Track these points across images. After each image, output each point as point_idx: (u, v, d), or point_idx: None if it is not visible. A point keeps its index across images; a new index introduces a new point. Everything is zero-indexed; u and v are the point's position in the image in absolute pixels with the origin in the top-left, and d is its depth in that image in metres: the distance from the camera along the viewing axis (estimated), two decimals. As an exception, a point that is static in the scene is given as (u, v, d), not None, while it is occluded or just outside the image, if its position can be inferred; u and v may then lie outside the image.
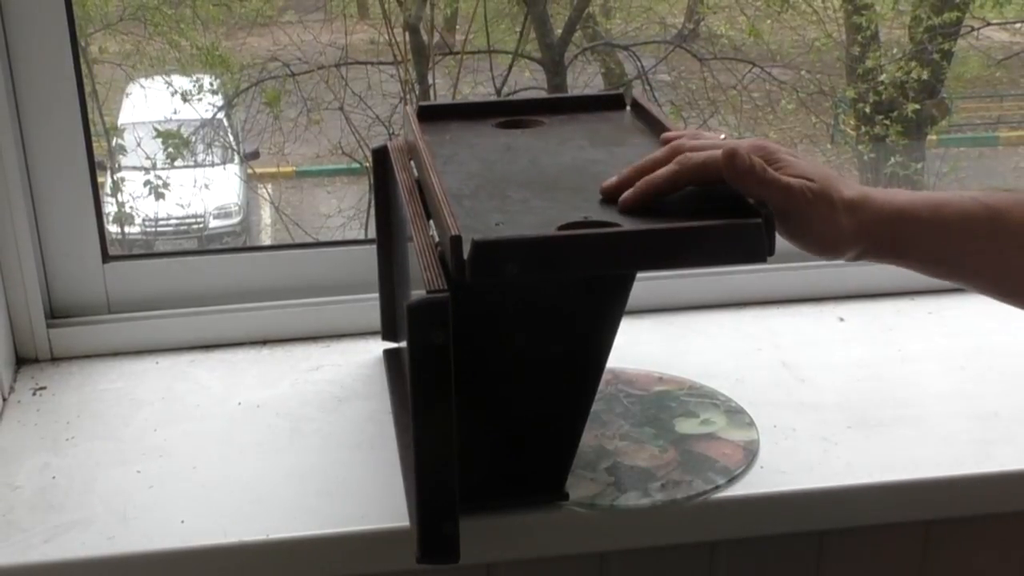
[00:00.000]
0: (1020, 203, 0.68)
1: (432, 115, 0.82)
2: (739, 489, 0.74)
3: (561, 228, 0.64)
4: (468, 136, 0.79)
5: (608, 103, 0.85)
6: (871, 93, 2.43)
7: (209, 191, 2.55)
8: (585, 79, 2.38)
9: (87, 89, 0.92)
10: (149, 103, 2.44)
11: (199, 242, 2.58)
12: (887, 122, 2.43)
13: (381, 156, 0.84)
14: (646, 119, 0.81)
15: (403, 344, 0.88)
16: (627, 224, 0.64)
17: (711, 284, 1.00)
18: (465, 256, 0.60)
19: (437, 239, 0.66)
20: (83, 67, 0.92)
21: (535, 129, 0.81)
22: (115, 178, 2.34)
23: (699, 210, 0.66)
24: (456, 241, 0.60)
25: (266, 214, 2.78)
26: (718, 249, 0.63)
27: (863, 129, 2.52)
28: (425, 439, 0.63)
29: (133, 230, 2.43)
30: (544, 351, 0.67)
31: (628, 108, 0.84)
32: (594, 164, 0.74)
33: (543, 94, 2.17)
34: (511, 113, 0.83)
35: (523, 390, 0.68)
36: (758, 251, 0.63)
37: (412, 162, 0.78)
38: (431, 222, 0.68)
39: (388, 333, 0.91)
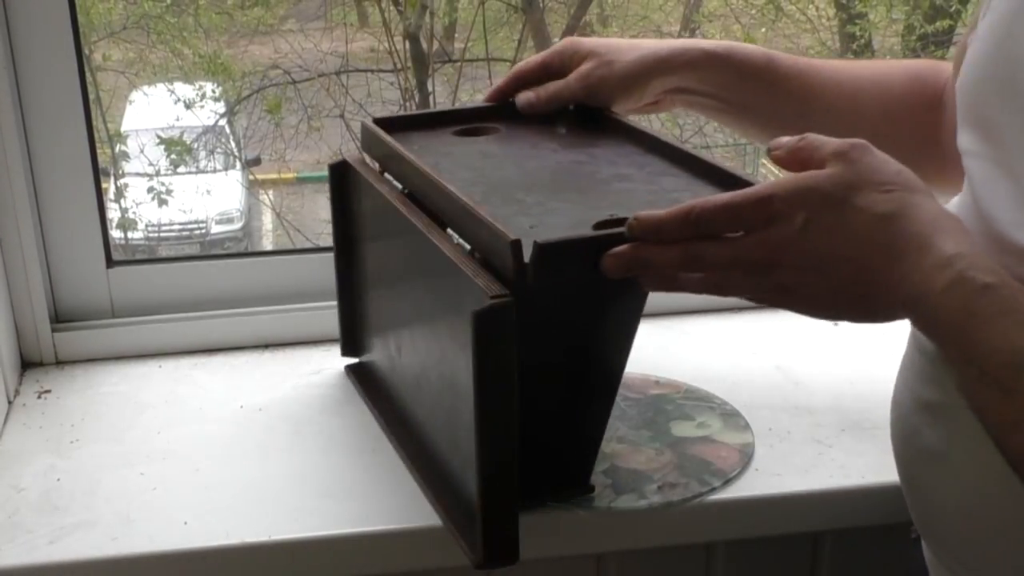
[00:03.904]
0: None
1: (390, 128, 0.81)
2: (735, 491, 0.75)
3: (596, 227, 0.65)
4: (435, 145, 0.79)
5: None
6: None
7: (211, 197, 2.56)
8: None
9: (91, 96, 0.93)
10: (152, 110, 2.46)
11: (201, 247, 2.60)
12: (881, 128, 2.44)
13: (341, 170, 0.83)
14: (594, 120, 0.82)
15: (368, 358, 0.88)
16: None
17: (707, 289, 1.00)
18: (526, 259, 0.61)
19: (469, 247, 0.67)
20: (87, 75, 0.93)
21: (494, 136, 0.82)
22: (119, 184, 2.36)
23: None
24: (516, 245, 0.61)
25: (267, 219, 2.79)
26: None
27: (857, 135, 2.53)
28: (492, 447, 0.63)
29: (136, 235, 2.44)
30: (569, 352, 0.69)
31: (571, 107, 0.85)
32: (581, 165, 0.76)
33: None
34: (464, 120, 0.83)
35: (552, 391, 0.69)
36: None
37: (386, 174, 0.79)
38: (447, 230, 0.69)
39: (348, 348, 0.90)
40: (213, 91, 2.49)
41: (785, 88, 0.80)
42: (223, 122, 2.55)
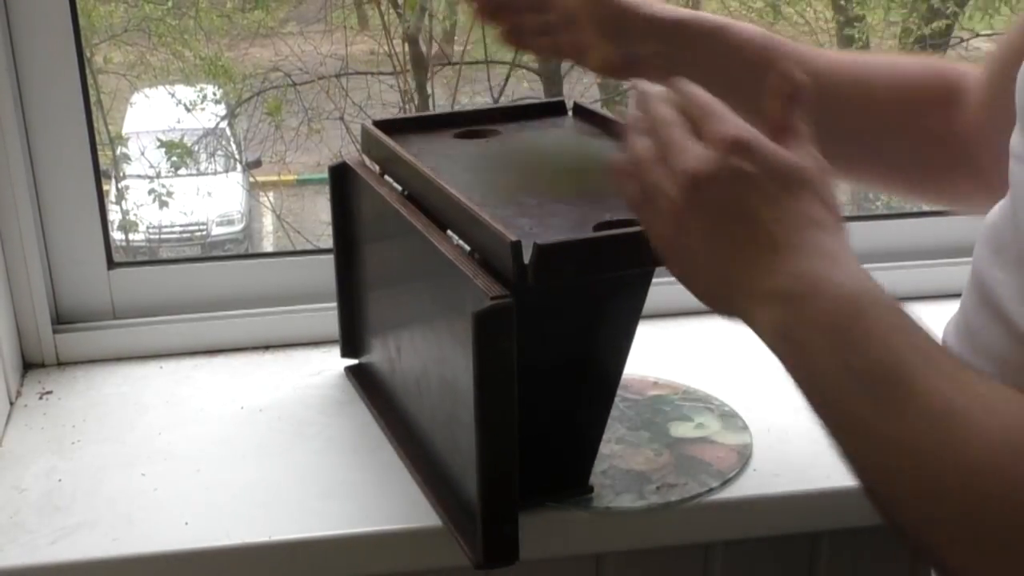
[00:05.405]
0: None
1: (390, 130, 0.82)
2: (733, 491, 0.75)
3: (596, 228, 0.65)
4: (435, 148, 0.80)
5: (551, 110, 0.87)
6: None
7: (212, 199, 2.57)
8: (581, 89, 2.39)
9: (92, 99, 0.94)
10: (153, 112, 2.46)
11: (202, 249, 2.60)
12: (879, 130, 2.44)
13: (341, 172, 0.84)
14: (593, 121, 0.83)
15: (368, 359, 0.88)
16: None
17: (706, 290, 1.01)
18: (526, 260, 0.61)
19: (469, 248, 0.67)
20: (88, 77, 0.93)
21: (494, 138, 0.82)
22: (120, 186, 2.36)
23: None
24: (517, 246, 0.61)
25: (268, 221, 2.80)
26: None
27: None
28: (492, 446, 0.64)
29: (137, 237, 2.44)
30: (569, 353, 0.69)
31: (570, 113, 0.87)
32: (581, 168, 0.76)
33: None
34: (463, 123, 0.84)
35: (551, 392, 0.70)
36: None
37: (386, 176, 0.79)
38: (447, 232, 0.70)
39: (348, 349, 0.90)
40: (214, 93, 2.49)
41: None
42: (224, 124, 2.56)
